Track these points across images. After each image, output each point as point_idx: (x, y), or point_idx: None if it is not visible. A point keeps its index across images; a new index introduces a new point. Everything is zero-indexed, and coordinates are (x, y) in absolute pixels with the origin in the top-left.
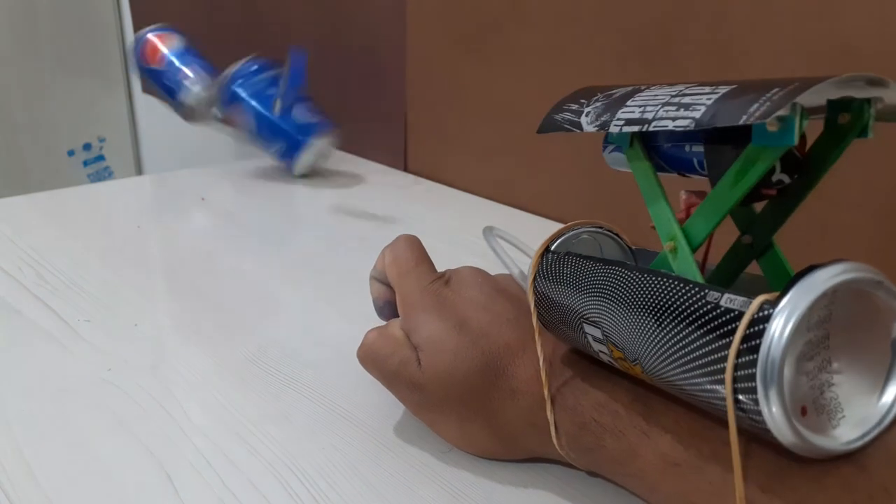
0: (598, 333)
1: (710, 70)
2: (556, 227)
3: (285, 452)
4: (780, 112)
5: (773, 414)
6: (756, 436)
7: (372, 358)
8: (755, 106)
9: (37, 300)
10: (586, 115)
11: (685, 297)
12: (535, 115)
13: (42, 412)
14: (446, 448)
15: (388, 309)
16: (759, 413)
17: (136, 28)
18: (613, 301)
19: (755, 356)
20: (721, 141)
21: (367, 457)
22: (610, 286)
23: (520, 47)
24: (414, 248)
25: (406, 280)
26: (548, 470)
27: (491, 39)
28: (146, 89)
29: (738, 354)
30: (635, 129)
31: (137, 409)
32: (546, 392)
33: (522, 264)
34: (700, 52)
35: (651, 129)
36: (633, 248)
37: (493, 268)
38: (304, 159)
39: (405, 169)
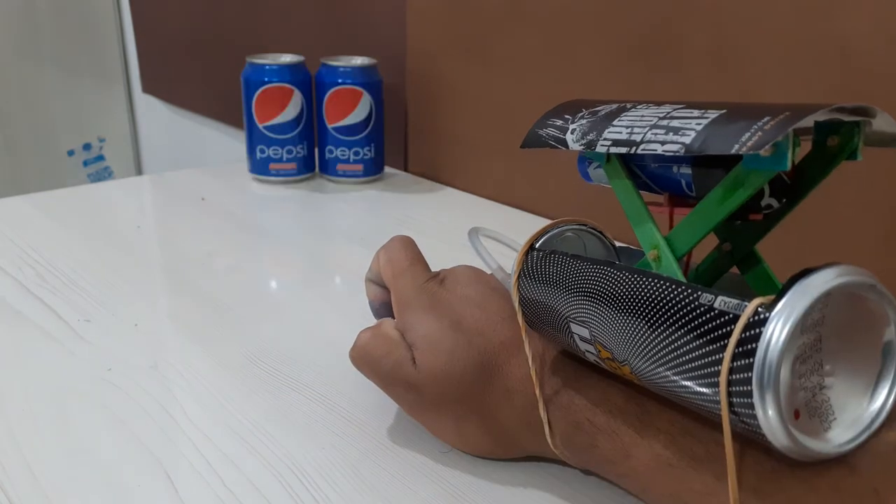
0: (585, 333)
1: (711, 71)
2: None
3: (285, 452)
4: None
5: (769, 418)
6: (747, 437)
7: (366, 359)
8: (747, 135)
9: (37, 300)
10: (571, 133)
11: (677, 299)
12: (535, 116)
13: (42, 412)
14: (445, 448)
15: (383, 310)
16: (754, 416)
17: (136, 28)
18: (602, 301)
19: (751, 360)
20: (710, 164)
21: (367, 457)
22: (598, 286)
23: (520, 47)
24: (408, 249)
25: (401, 280)
26: (547, 470)
27: (491, 40)
28: (146, 89)
29: (734, 358)
30: (623, 150)
31: (137, 408)
32: (538, 391)
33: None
34: (700, 53)
35: (639, 151)
36: (617, 246)
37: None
38: None
39: (405, 169)
